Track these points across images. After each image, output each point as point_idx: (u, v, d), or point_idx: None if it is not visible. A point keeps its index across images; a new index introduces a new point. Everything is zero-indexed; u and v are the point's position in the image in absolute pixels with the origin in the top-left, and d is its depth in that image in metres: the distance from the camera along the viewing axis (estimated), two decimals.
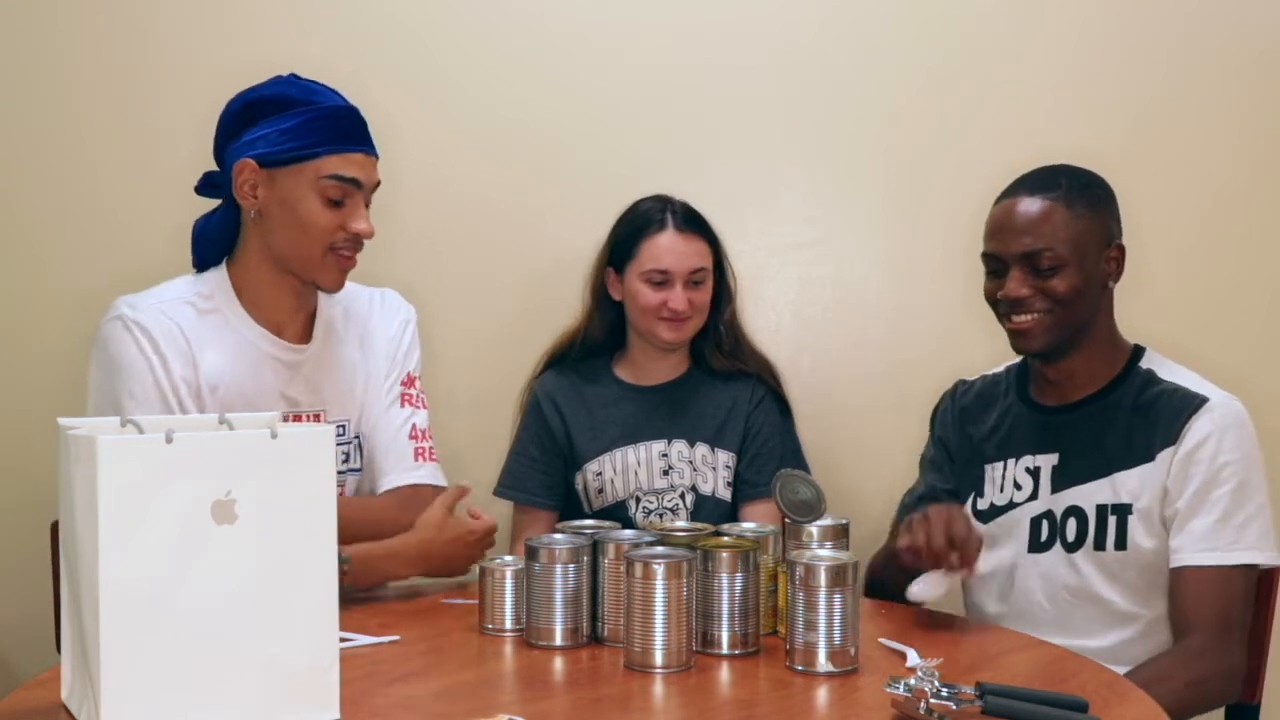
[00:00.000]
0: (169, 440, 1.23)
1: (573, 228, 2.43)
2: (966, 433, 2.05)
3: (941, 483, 2.07)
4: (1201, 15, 2.48)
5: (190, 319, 1.87)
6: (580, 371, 2.36)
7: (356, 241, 1.89)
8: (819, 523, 1.70)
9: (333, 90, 1.90)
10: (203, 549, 1.24)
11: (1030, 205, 1.86)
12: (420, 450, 2.00)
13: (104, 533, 1.20)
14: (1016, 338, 1.91)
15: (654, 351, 2.32)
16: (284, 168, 1.84)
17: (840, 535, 1.71)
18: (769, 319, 2.58)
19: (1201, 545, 1.79)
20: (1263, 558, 1.81)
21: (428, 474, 2.00)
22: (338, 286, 1.92)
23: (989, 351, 2.20)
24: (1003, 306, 1.89)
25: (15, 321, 2.50)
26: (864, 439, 2.55)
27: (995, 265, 1.90)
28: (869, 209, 2.61)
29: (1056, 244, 1.84)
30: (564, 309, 2.40)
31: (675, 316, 2.24)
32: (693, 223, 2.27)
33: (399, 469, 1.99)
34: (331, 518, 1.32)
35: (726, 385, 2.33)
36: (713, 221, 2.31)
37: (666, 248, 2.24)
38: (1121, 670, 1.67)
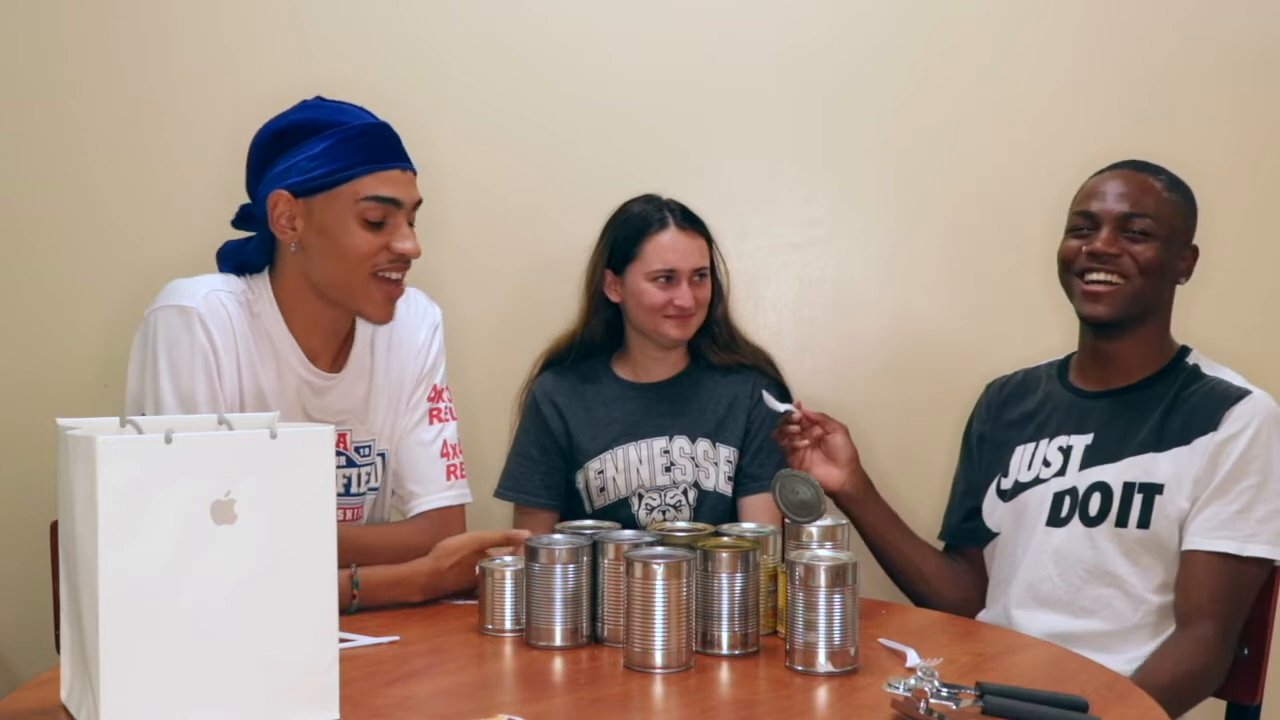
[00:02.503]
0: (168, 440, 1.23)
1: (573, 227, 2.43)
2: (1001, 418, 2.07)
3: (974, 471, 2.10)
4: (1201, 15, 2.48)
5: (240, 319, 1.81)
6: (579, 371, 2.36)
7: (402, 263, 1.81)
8: (819, 523, 1.71)
9: (361, 108, 1.84)
10: (202, 549, 1.24)
11: (1136, 177, 1.93)
12: (452, 468, 1.97)
13: (103, 533, 1.20)
14: (1090, 301, 1.91)
15: (653, 350, 2.32)
16: (319, 195, 1.77)
17: (840, 535, 1.71)
18: (769, 319, 2.58)
19: (1219, 533, 1.79)
20: (1277, 554, 1.80)
21: (458, 494, 1.97)
22: (387, 318, 1.85)
23: (989, 352, 2.21)
24: (1082, 263, 1.91)
25: (15, 322, 2.51)
26: (864, 439, 2.54)
27: (1085, 225, 1.93)
28: (869, 209, 2.61)
29: (1153, 214, 1.89)
30: (564, 309, 2.40)
31: (682, 314, 2.25)
32: (690, 220, 2.28)
33: (431, 490, 1.95)
34: (331, 517, 1.32)
35: (726, 380, 2.33)
36: (712, 221, 2.32)
37: (670, 246, 2.24)
38: (1119, 662, 1.67)
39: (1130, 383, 1.94)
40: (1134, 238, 1.89)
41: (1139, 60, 2.50)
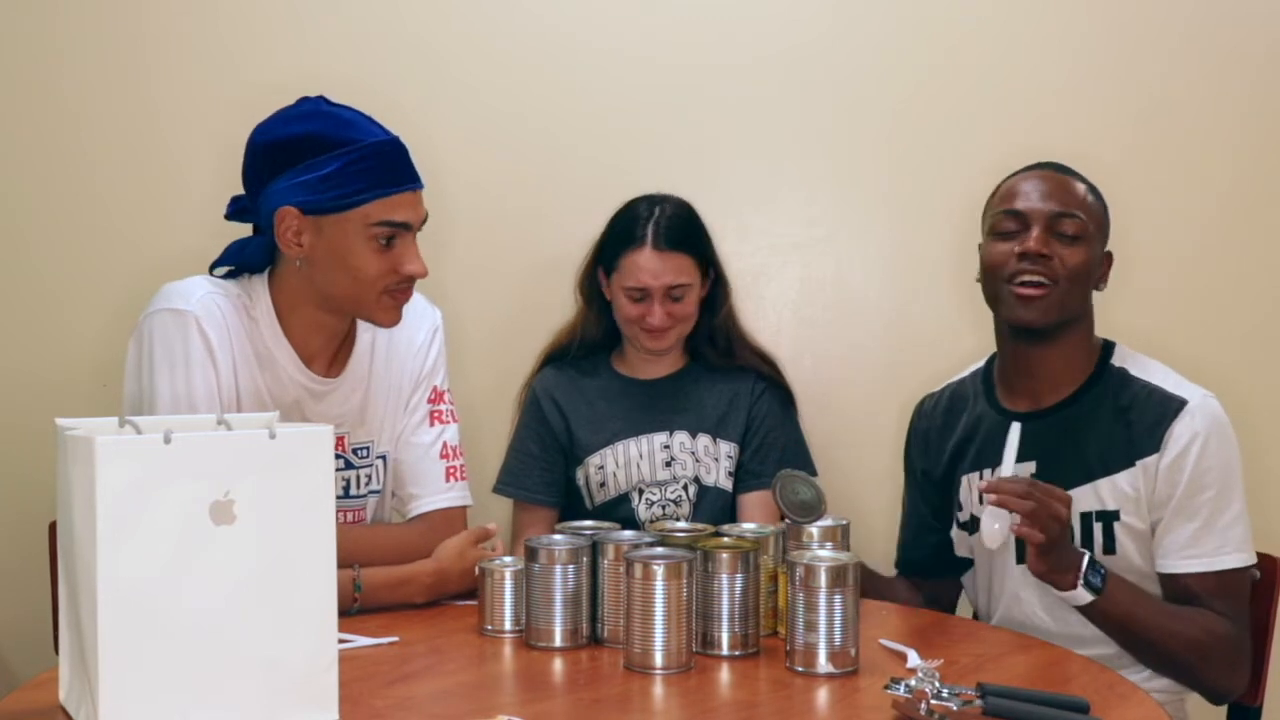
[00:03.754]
0: (167, 441, 1.23)
1: (573, 227, 2.42)
2: (940, 453, 2.03)
3: (926, 506, 2.07)
4: (1201, 15, 2.48)
5: (236, 322, 1.80)
6: (579, 367, 2.36)
7: (409, 282, 1.82)
8: (819, 523, 1.70)
9: (368, 119, 1.81)
10: (201, 550, 1.24)
11: (1058, 177, 1.87)
12: (451, 470, 1.97)
13: (102, 534, 1.20)
14: (1020, 305, 1.83)
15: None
16: (329, 215, 1.75)
17: (840, 536, 1.71)
18: (769, 319, 2.58)
19: (1187, 552, 1.78)
20: (1247, 559, 1.80)
21: (458, 495, 1.97)
22: (396, 322, 1.85)
23: (988, 352, 2.20)
24: (1014, 265, 1.83)
25: (15, 322, 2.50)
26: (864, 439, 2.54)
27: (1013, 225, 1.85)
28: (870, 209, 2.61)
29: (1084, 214, 1.84)
30: (564, 309, 2.40)
31: (652, 330, 2.24)
32: (674, 239, 2.22)
33: (430, 492, 1.95)
34: (330, 518, 1.32)
35: (727, 377, 2.33)
36: (712, 221, 2.31)
37: (643, 267, 2.21)
38: (1129, 674, 1.66)
39: (1059, 399, 1.89)
40: (1063, 240, 1.82)
41: (1139, 60, 2.50)
